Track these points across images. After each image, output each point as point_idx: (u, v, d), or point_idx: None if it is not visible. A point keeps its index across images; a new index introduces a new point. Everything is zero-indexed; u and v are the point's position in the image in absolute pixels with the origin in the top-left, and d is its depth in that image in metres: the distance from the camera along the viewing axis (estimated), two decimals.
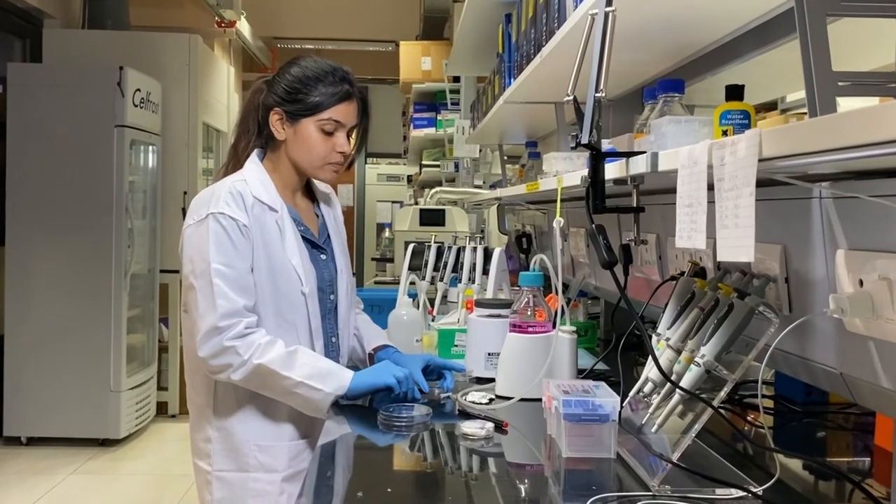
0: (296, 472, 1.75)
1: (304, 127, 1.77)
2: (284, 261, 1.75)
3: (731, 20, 1.41)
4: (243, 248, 1.70)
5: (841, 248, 1.09)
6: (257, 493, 1.74)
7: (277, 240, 1.75)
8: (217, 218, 1.70)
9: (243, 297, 1.68)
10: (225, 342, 1.66)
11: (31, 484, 4.07)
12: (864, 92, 0.96)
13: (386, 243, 7.63)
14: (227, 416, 1.76)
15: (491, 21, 3.19)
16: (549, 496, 1.35)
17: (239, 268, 1.69)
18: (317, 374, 1.68)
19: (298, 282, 1.75)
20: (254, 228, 1.72)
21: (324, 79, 1.77)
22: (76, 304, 4.64)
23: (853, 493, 1.33)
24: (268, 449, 1.75)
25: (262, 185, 1.78)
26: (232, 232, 1.69)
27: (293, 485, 1.74)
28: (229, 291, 1.67)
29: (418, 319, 2.21)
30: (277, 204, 1.78)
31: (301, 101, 1.76)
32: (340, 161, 1.80)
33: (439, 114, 6.22)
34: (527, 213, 3.83)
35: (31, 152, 4.62)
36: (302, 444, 1.79)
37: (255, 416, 1.76)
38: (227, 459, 1.76)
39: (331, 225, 1.93)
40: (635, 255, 1.52)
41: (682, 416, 1.32)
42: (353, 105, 1.81)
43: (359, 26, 8.67)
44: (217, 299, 1.66)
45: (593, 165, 1.29)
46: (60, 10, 5.31)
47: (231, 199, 1.72)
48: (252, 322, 1.69)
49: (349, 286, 1.92)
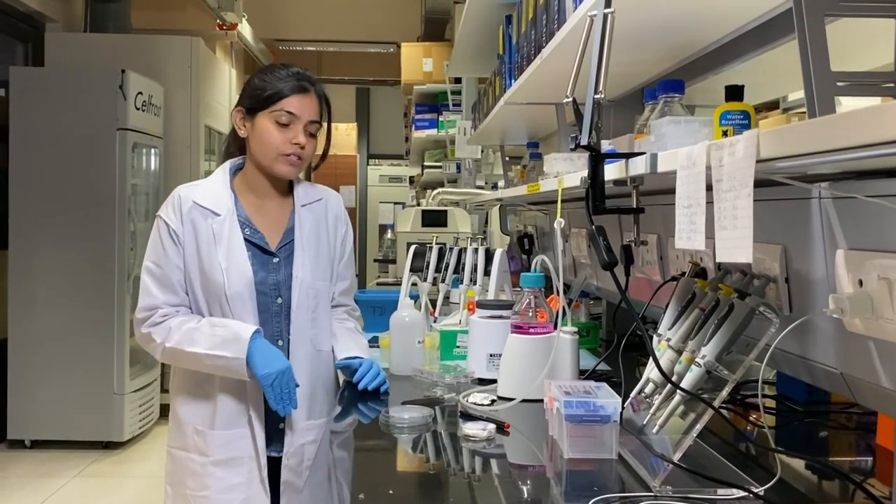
0: (228, 458, 1.85)
1: (260, 120, 1.87)
2: (213, 262, 1.84)
3: (730, 20, 1.41)
4: (171, 250, 1.85)
5: (841, 249, 1.09)
6: (192, 472, 1.88)
7: (210, 242, 1.85)
8: (157, 220, 1.89)
9: (166, 294, 1.85)
10: (143, 330, 1.87)
11: (35, 487, 4.08)
12: (862, 92, 0.96)
13: (388, 244, 7.64)
14: (176, 398, 1.94)
15: (491, 22, 3.20)
16: (551, 497, 1.35)
17: (165, 266, 1.85)
18: (218, 343, 1.79)
19: (223, 283, 1.83)
20: (186, 231, 1.85)
21: (279, 74, 1.88)
22: (79, 306, 4.65)
23: (855, 493, 1.32)
24: (202, 434, 1.87)
25: (210, 190, 1.90)
26: (164, 234, 1.86)
27: (224, 469, 1.85)
28: (153, 287, 1.85)
29: (420, 321, 2.21)
30: (223, 209, 1.88)
31: (257, 97, 1.87)
32: (296, 153, 1.86)
33: (441, 115, 6.22)
34: (528, 214, 3.83)
35: (34, 155, 4.63)
36: (235, 434, 1.86)
37: (196, 402, 1.89)
38: (175, 436, 1.93)
39: (304, 231, 1.93)
40: (636, 255, 1.52)
41: (684, 416, 1.32)
42: (309, 100, 1.88)
43: (360, 28, 8.68)
44: (141, 293, 1.87)
45: (593, 166, 1.29)
46: (62, 14, 5.33)
47: (171, 203, 1.88)
48: (169, 312, 1.85)
49: (312, 292, 1.91)
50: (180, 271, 1.86)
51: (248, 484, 1.85)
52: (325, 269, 1.96)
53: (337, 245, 2.01)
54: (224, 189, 1.91)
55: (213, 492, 1.85)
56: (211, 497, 1.85)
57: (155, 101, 5.01)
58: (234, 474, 1.85)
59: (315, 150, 1.93)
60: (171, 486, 1.93)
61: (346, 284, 2.06)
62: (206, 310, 1.86)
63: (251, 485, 1.85)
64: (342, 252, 2.04)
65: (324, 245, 1.96)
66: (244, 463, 1.85)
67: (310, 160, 1.94)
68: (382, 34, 8.63)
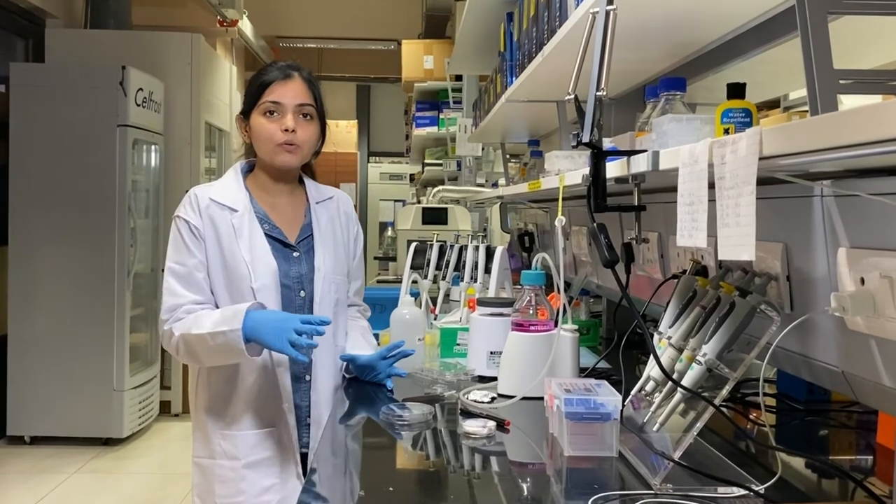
0: (258, 459, 1.83)
1: (254, 119, 1.88)
2: (236, 256, 1.82)
3: (732, 18, 1.41)
4: (194, 247, 1.83)
5: (842, 247, 1.09)
6: (222, 479, 1.83)
7: (231, 237, 1.84)
8: (176, 221, 1.87)
9: (191, 292, 1.82)
10: (164, 328, 1.83)
11: (35, 483, 4.08)
12: (865, 90, 0.96)
13: (388, 242, 7.63)
14: (202, 405, 1.88)
15: (493, 19, 3.19)
16: (551, 495, 1.35)
17: (189, 265, 1.83)
18: (219, 320, 1.74)
19: (248, 276, 1.81)
20: (206, 227, 1.84)
21: (264, 70, 1.90)
22: (79, 303, 4.65)
23: (855, 491, 1.32)
24: (230, 437, 1.84)
25: (226, 188, 1.90)
26: (185, 232, 1.84)
27: (255, 472, 1.82)
28: (177, 287, 1.82)
29: (420, 318, 2.21)
30: (240, 205, 1.87)
31: (246, 99, 1.90)
32: (290, 140, 1.84)
33: (441, 112, 6.22)
34: (529, 212, 3.83)
35: (35, 152, 4.63)
36: (263, 434, 1.84)
37: (221, 406, 1.85)
38: (201, 446, 1.88)
39: (321, 226, 1.94)
40: (637, 253, 1.52)
41: (684, 414, 1.32)
42: (294, 84, 1.87)
43: (361, 25, 8.67)
44: (165, 294, 1.84)
45: (594, 164, 1.29)
46: (63, 10, 5.32)
47: (188, 202, 1.87)
48: (193, 308, 1.81)
49: (333, 286, 1.92)
50: (204, 267, 1.83)
51: (282, 484, 1.82)
52: (342, 265, 1.97)
53: (350, 243, 2.03)
54: (238, 187, 1.91)
55: (248, 496, 1.80)
56: (246, 502, 1.80)
57: (155, 98, 5.00)
58: (268, 475, 1.81)
59: (314, 136, 1.90)
60: (200, 497, 1.87)
61: (358, 284, 2.09)
62: (229, 303, 1.81)
63: (286, 484, 1.82)
64: (355, 251, 2.05)
65: (340, 242, 1.98)
66: (276, 463, 1.82)
67: (311, 146, 1.91)
68: (383, 31, 8.63)
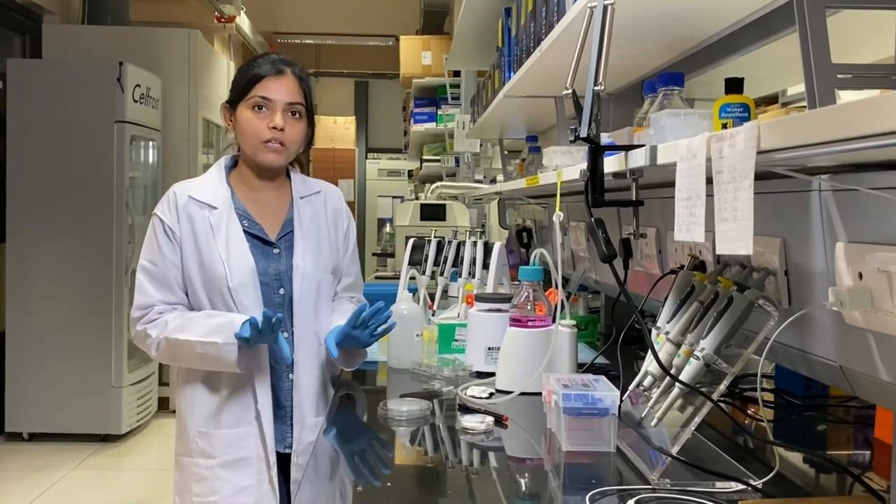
0: (233, 459, 1.81)
1: (240, 112, 1.85)
2: (213, 255, 1.81)
3: (730, 13, 1.41)
4: (166, 247, 1.83)
5: (840, 241, 1.09)
6: (198, 477, 1.82)
7: (209, 235, 1.82)
8: (153, 218, 1.87)
9: (162, 292, 1.82)
10: (138, 328, 1.83)
11: (33, 480, 4.08)
12: (864, 84, 0.96)
13: (387, 238, 7.62)
14: (181, 403, 1.88)
15: (491, 15, 3.19)
16: (549, 490, 1.35)
17: (160, 265, 1.83)
18: (210, 330, 1.75)
19: (224, 275, 1.79)
20: (183, 226, 1.83)
21: (256, 62, 1.87)
22: (77, 299, 4.65)
23: (853, 486, 1.33)
24: (206, 435, 1.83)
25: (207, 185, 1.88)
26: (159, 232, 1.84)
27: (230, 471, 1.80)
28: (148, 286, 1.83)
29: (418, 314, 2.21)
30: (220, 202, 1.85)
31: (236, 88, 1.86)
32: (276, 138, 1.81)
33: (440, 108, 6.21)
34: (527, 208, 3.83)
35: (32, 148, 4.62)
36: (241, 433, 1.81)
37: (199, 404, 1.84)
38: (181, 444, 1.87)
39: (304, 222, 1.90)
40: (635, 248, 1.52)
41: (682, 409, 1.32)
42: (285, 81, 1.84)
43: (359, 21, 8.66)
44: (137, 292, 1.84)
45: (592, 159, 1.29)
46: (60, 6, 5.31)
47: (167, 200, 1.86)
48: (165, 309, 1.82)
49: (314, 283, 1.88)
50: (177, 269, 1.82)
51: (257, 486, 1.80)
52: (326, 261, 1.92)
53: (339, 240, 1.98)
54: (220, 183, 1.88)
55: (222, 496, 1.79)
56: (219, 502, 1.79)
57: (153, 94, 4.99)
58: (243, 476, 1.80)
59: (302, 135, 1.87)
60: (179, 496, 1.86)
61: (350, 280, 2.03)
62: (209, 306, 1.81)
63: (261, 486, 1.80)
64: (345, 247, 2.00)
65: (324, 238, 1.93)
66: (252, 463, 1.80)
67: (298, 146, 1.88)
68: (381, 27, 8.62)
